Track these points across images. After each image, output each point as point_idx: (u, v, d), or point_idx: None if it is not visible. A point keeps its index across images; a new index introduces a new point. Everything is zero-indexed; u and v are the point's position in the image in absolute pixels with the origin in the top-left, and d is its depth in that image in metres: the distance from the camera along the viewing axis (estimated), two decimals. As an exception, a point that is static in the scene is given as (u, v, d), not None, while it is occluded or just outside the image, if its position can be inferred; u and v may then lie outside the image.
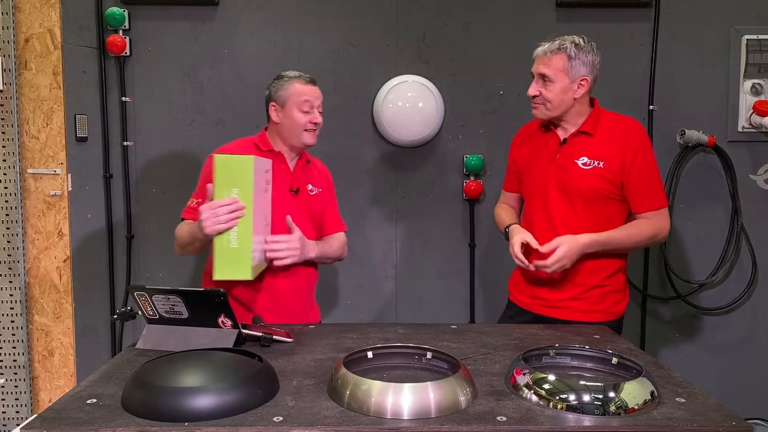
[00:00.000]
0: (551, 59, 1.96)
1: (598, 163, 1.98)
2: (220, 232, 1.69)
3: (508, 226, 2.13)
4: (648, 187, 1.99)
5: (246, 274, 1.72)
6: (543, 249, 1.93)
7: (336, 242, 2.20)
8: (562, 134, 2.05)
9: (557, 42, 1.98)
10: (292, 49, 2.82)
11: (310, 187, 2.14)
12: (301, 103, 2.05)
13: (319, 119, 2.08)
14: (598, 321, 2.01)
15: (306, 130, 2.05)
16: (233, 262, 1.70)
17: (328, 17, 2.81)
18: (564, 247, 1.91)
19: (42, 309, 2.85)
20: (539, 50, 2.01)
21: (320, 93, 2.12)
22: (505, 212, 2.24)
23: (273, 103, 2.09)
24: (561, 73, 1.96)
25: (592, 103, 2.07)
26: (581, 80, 1.98)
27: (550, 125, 2.08)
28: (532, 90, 2.01)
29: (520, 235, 2.02)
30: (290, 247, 1.92)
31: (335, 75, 2.82)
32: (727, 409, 1.29)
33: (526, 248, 2.02)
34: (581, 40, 1.98)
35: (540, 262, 1.93)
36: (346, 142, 2.84)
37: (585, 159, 1.99)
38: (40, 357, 2.87)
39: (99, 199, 2.86)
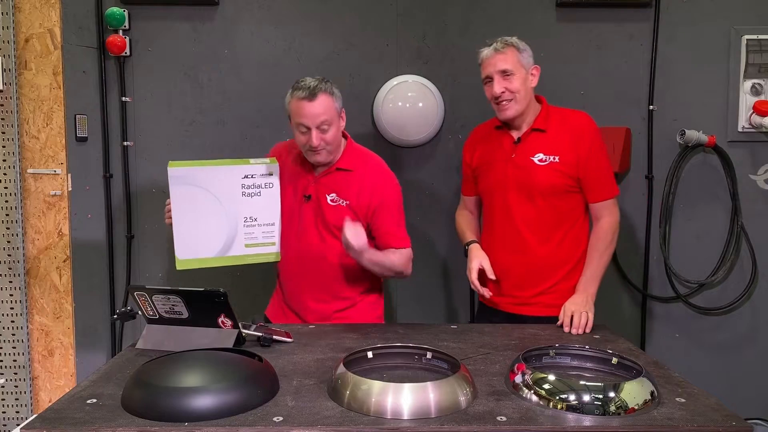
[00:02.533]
0: (506, 54, 2.02)
1: (554, 158, 2.03)
2: (171, 225, 2.05)
3: (468, 243, 2.17)
4: (602, 178, 2.07)
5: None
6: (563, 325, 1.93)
7: (396, 255, 2.07)
8: (515, 134, 2.11)
9: (500, 41, 2.04)
10: (292, 49, 2.82)
11: (332, 197, 2.06)
12: (298, 125, 1.98)
13: (315, 142, 1.95)
14: None
15: (309, 150, 2.00)
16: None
17: (328, 17, 2.81)
18: (568, 307, 1.94)
19: (42, 309, 2.85)
20: (487, 51, 2.06)
21: (323, 108, 1.95)
22: (465, 221, 2.29)
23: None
24: (518, 65, 2.03)
25: (539, 101, 2.13)
26: (533, 70, 2.06)
27: (503, 126, 2.14)
28: (497, 87, 2.02)
29: (478, 260, 2.08)
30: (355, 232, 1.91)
31: (335, 75, 2.80)
32: (727, 409, 1.29)
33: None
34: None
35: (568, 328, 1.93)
36: (346, 142, 2.84)
37: (541, 155, 2.04)
38: (40, 357, 2.87)
39: (99, 199, 2.86)
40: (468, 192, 2.32)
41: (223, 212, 2.03)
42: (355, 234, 1.89)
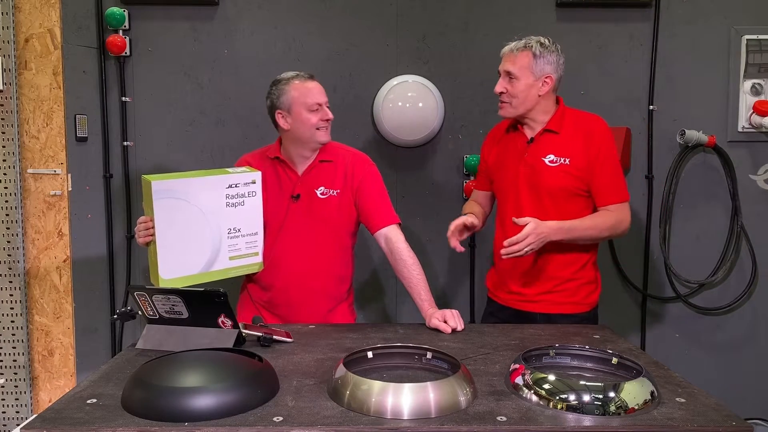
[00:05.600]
0: (517, 56, 2.04)
1: (565, 160, 2.04)
2: (147, 244, 1.93)
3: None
4: (612, 182, 2.05)
5: (156, 281, 1.91)
6: (517, 222, 1.94)
7: (417, 268, 2.06)
8: (529, 133, 2.12)
9: (523, 41, 2.05)
10: (292, 49, 2.82)
11: (321, 190, 2.09)
12: (309, 104, 2.02)
13: (330, 115, 2.06)
14: (574, 312, 2.09)
15: (318, 129, 2.04)
16: (153, 269, 1.93)
17: (328, 17, 2.81)
18: (532, 224, 1.92)
19: (42, 309, 2.85)
20: (506, 49, 2.08)
21: (322, 87, 2.08)
22: (469, 205, 2.30)
23: (279, 111, 2.06)
24: (526, 70, 2.02)
25: (557, 102, 2.13)
26: (546, 78, 2.04)
27: (517, 125, 2.14)
28: (498, 87, 2.07)
29: (461, 219, 2.08)
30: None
31: (335, 75, 2.82)
32: (727, 409, 1.29)
33: (499, 240, 2.08)
34: (546, 40, 2.06)
35: (508, 241, 1.93)
36: (346, 142, 2.80)
37: (552, 156, 2.05)
38: (40, 357, 2.87)
39: (99, 199, 2.86)
40: (481, 186, 2.32)
41: (207, 225, 1.97)
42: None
